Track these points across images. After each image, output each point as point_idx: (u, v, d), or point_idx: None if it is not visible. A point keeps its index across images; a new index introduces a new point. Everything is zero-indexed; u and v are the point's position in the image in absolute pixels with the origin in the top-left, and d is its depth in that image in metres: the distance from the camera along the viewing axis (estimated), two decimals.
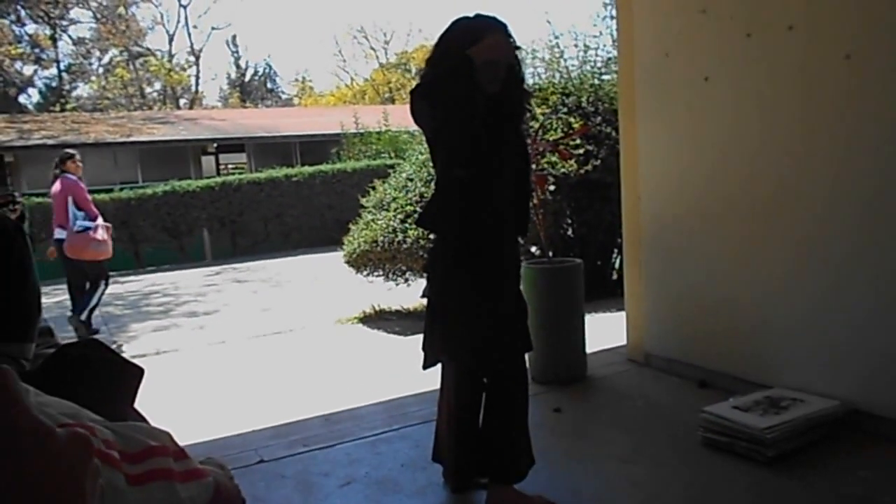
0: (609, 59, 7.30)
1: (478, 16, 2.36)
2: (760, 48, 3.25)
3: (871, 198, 2.88)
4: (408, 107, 2.35)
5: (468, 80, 2.17)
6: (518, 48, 2.39)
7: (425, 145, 7.09)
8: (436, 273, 2.49)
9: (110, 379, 1.43)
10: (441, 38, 2.37)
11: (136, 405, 1.47)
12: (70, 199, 6.42)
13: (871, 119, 2.85)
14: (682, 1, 3.65)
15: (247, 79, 40.33)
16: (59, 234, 6.51)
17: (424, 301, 2.61)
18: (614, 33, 4.34)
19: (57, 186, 6.64)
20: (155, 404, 1.65)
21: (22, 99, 30.85)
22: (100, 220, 6.53)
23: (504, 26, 2.33)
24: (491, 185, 2.34)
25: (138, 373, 1.48)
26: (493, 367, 2.46)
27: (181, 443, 1.14)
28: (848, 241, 2.97)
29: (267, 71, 41.89)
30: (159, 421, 1.22)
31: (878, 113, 2.82)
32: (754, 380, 3.38)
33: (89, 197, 6.68)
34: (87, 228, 6.34)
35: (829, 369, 3.10)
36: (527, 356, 2.61)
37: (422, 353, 2.51)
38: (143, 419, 1.51)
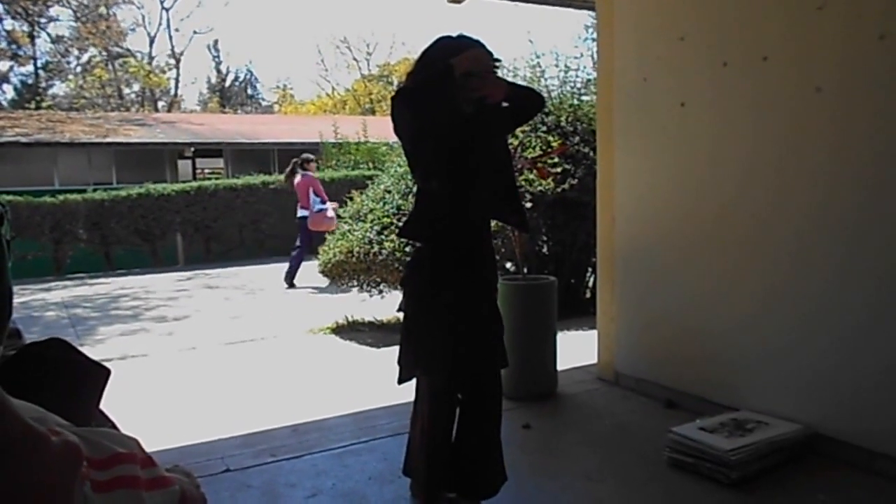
0: (589, 80, 7.39)
1: (461, 36, 2.42)
2: (736, 77, 3.33)
3: (849, 230, 2.94)
4: (388, 118, 2.38)
5: (449, 89, 2.23)
6: (498, 65, 2.44)
7: (404, 157, 7.16)
8: (411, 287, 2.50)
9: (76, 381, 1.40)
10: (423, 53, 2.42)
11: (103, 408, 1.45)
12: (311, 189, 9.33)
13: (843, 150, 2.92)
14: (661, 27, 3.72)
15: (227, 84, 40.13)
16: (301, 213, 9.48)
17: (399, 314, 2.61)
18: (595, 55, 4.40)
19: (299, 179, 9.54)
20: (121, 409, 1.63)
21: None
22: (328, 203, 9.29)
23: (485, 46, 2.39)
24: (468, 198, 2.36)
25: (104, 374, 1.45)
26: (468, 383, 2.47)
27: (147, 449, 1.13)
28: (823, 274, 3.03)
29: (248, 77, 41.79)
30: (125, 427, 1.21)
31: (847, 144, 2.90)
32: (721, 402, 3.43)
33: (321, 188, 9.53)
34: (323, 210, 9.24)
35: (794, 395, 3.16)
36: (501, 372, 2.61)
37: (396, 367, 2.51)
38: (110, 421, 1.49)
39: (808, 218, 3.06)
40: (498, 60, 2.43)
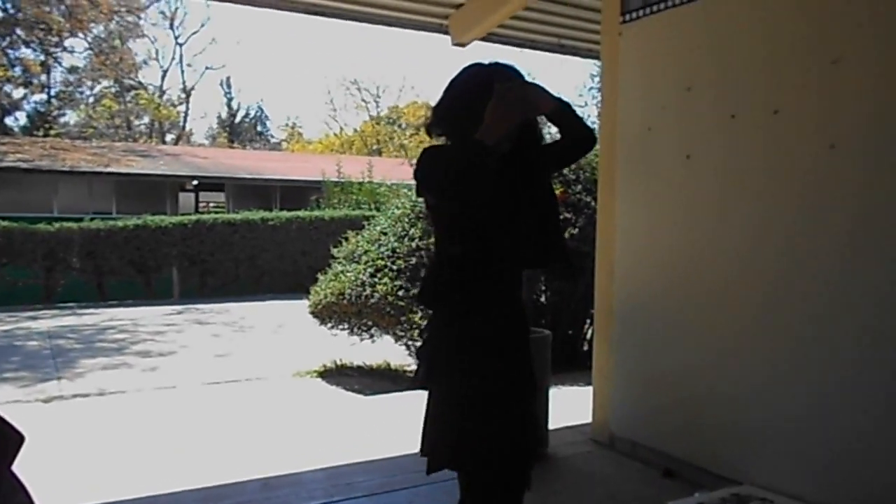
0: (594, 125, 7.32)
1: (494, 64, 2.05)
2: (746, 131, 3.18)
3: (871, 300, 2.71)
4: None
5: (482, 173, 1.84)
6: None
7: (402, 199, 7.02)
8: (441, 359, 2.04)
9: None
10: (451, 84, 2.07)
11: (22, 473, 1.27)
12: None
13: (864, 212, 2.73)
14: (668, 76, 3.59)
15: (237, 120, 40.53)
16: None
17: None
18: (599, 105, 4.28)
19: None
20: (86, 451, 1.44)
21: (9, 121, 30.59)
22: None
23: (519, 77, 2.02)
24: (492, 259, 2.00)
25: (17, 440, 1.29)
26: (522, 471, 2.04)
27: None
28: (843, 346, 2.80)
29: (258, 114, 42.24)
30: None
31: (868, 207, 2.71)
32: (723, 474, 3.20)
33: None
34: None
35: (804, 472, 2.93)
36: None
37: (421, 452, 2.03)
38: (23, 489, 1.33)
39: (826, 285, 2.86)
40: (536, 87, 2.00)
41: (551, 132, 2.15)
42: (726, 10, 3.27)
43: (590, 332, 6.46)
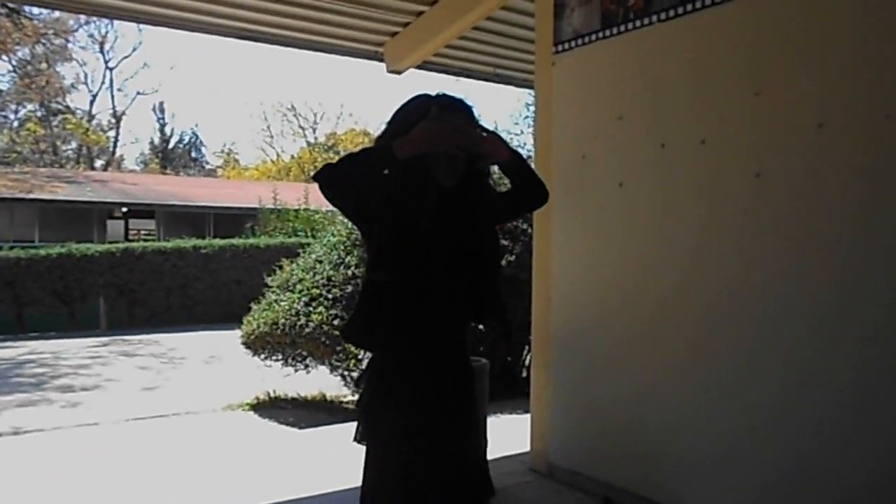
0: (528, 156, 7.41)
1: (441, 96, 1.97)
2: (675, 159, 3.24)
3: (807, 323, 2.75)
4: None
5: (378, 173, 1.78)
6: (483, 133, 1.95)
7: (338, 227, 6.91)
8: (379, 412, 1.94)
9: None
10: (394, 114, 1.99)
11: None
12: None
13: (792, 238, 2.80)
14: (600, 106, 3.65)
15: (171, 146, 39.56)
16: None
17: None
18: (534, 133, 4.31)
19: None
20: None
21: None
22: None
23: (465, 110, 1.95)
24: (419, 291, 1.89)
25: None
26: None
27: None
28: (777, 372, 2.83)
29: (192, 140, 41.37)
30: None
31: (795, 233, 2.78)
32: (662, 501, 3.19)
33: None
34: None
35: (736, 497, 2.95)
36: None
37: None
38: None
39: (760, 307, 2.90)
40: (482, 129, 1.96)
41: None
42: (655, 42, 3.34)
43: (528, 358, 6.46)
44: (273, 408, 6.28)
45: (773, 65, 2.87)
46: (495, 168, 2.15)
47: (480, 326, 2.40)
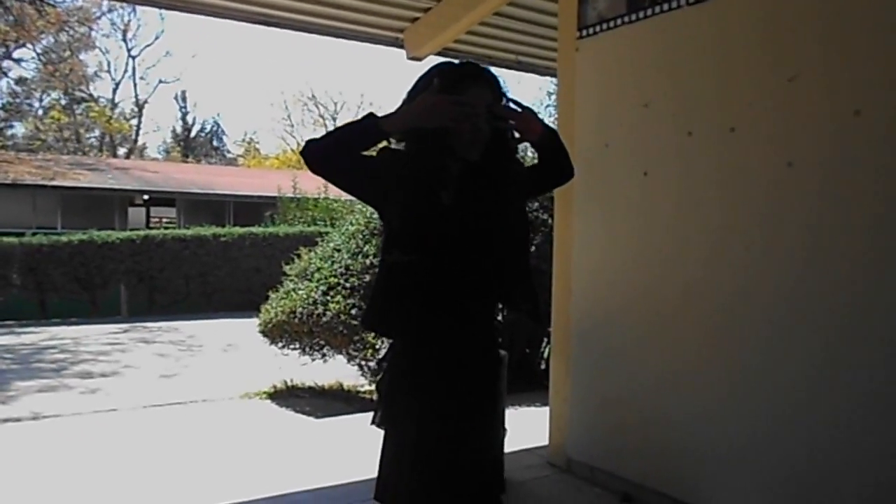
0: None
1: (466, 64, 1.90)
2: (702, 148, 3.14)
3: (828, 315, 2.66)
4: None
5: (357, 148, 1.73)
6: (518, 109, 1.86)
7: (356, 216, 6.87)
8: (399, 398, 1.87)
9: None
10: (413, 85, 1.89)
11: None
12: None
13: (819, 228, 2.70)
14: (625, 93, 3.55)
15: (192, 134, 39.81)
16: None
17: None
18: (556, 121, 4.22)
19: None
20: (11, 480, 1.26)
21: None
22: None
23: (489, 79, 1.84)
24: (441, 271, 1.78)
25: None
26: None
27: None
28: (798, 364, 2.75)
29: (214, 129, 41.59)
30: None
31: (823, 223, 2.69)
32: (683, 498, 3.12)
33: None
34: None
35: (764, 496, 2.86)
36: None
37: (375, 496, 1.91)
38: None
39: (784, 301, 2.81)
40: (508, 100, 1.85)
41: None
42: (681, 27, 3.23)
43: (547, 350, 6.39)
44: (290, 396, 6.28)
45: (808, 50, 2.76)
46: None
47: (504, 313, 2.26)
